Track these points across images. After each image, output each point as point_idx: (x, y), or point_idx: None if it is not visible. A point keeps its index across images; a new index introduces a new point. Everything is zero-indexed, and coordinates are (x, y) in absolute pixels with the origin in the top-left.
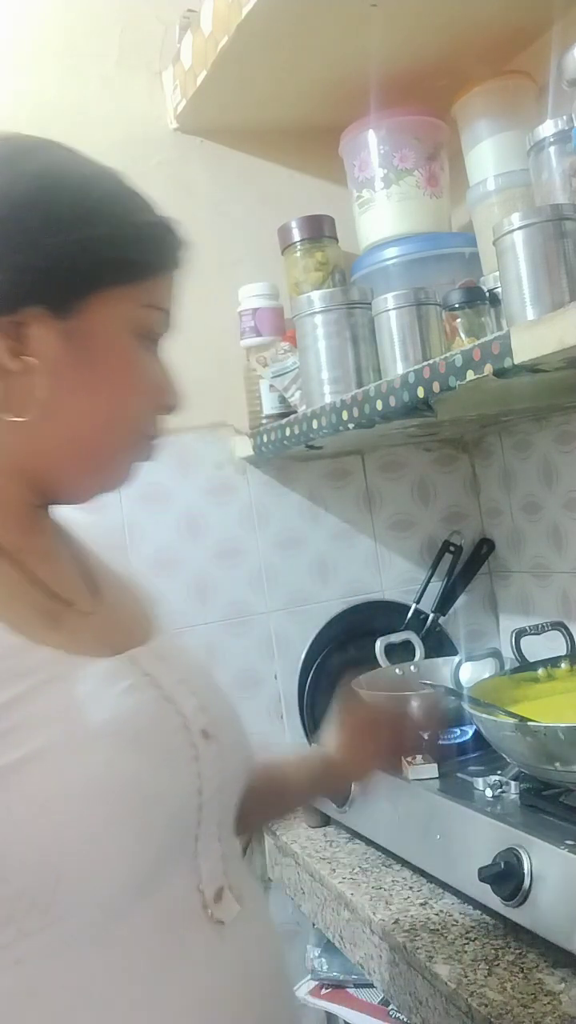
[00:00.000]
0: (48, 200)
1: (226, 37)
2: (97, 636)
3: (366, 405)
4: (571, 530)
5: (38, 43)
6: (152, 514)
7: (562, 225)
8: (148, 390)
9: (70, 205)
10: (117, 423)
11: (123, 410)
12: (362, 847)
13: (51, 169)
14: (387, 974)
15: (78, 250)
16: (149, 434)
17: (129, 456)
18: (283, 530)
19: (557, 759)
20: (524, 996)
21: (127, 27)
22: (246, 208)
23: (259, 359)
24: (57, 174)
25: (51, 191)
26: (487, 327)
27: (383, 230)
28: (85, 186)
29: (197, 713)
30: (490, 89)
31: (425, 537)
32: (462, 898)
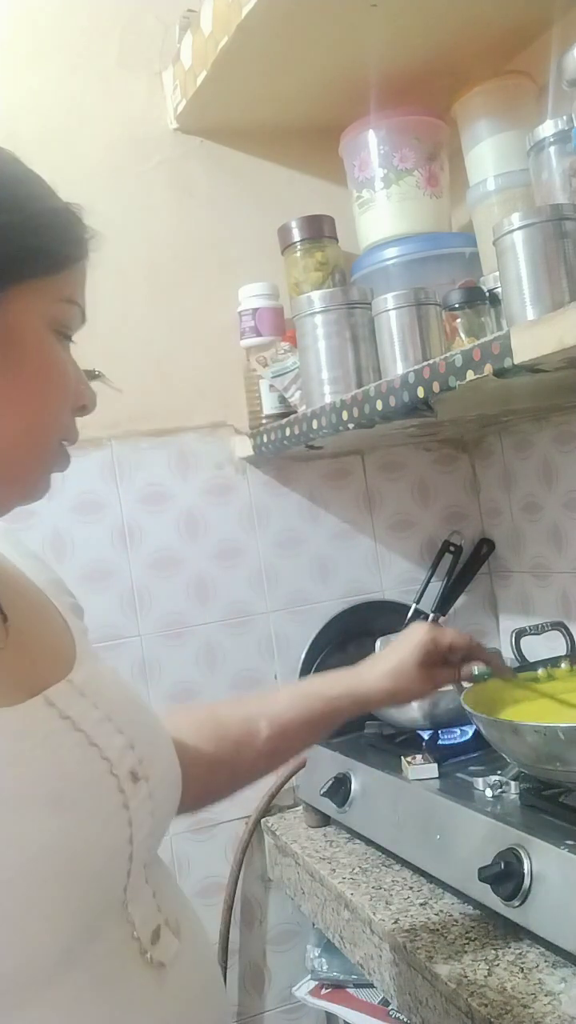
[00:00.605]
0: None
1: (226, 37)
2: (7, 677)
3: (366, 405)
4: (571, 530)
5: (38, 43)
6: (152, 514)
7: (562, 225)
8: (66, 390)
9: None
10: (37, 424)
11: (43, 411)
12: (362, 847)
13: None
14: (387, 974)
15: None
16: (69, 438)
17: (47, 461)
18: (283, 530)
19: (557, 759)
20: (524, 996)
21: (127, 27)
22: (246, 208)
23: (259, 359)
24: None
25: None
26: (487, 327)
27: (383, 230)
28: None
29: (124, 752)
30: (490, 89)
31: (425, 537)
32: (462, 898)
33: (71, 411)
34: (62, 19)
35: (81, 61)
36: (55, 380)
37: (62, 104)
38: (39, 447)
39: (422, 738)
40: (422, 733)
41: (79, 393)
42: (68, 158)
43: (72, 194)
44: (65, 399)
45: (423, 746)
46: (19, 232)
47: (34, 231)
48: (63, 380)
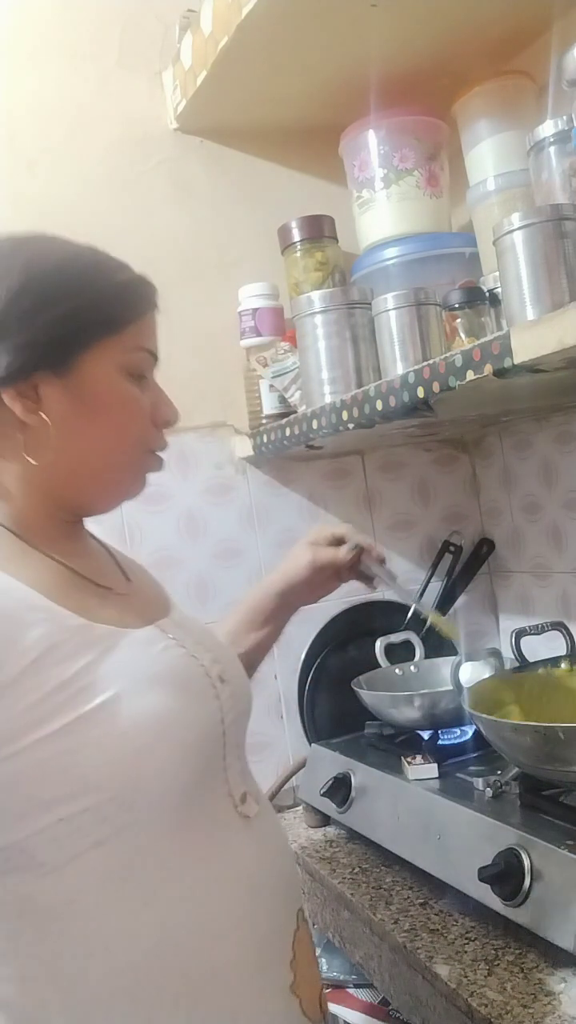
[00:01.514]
0: (36, 285)
1: (226, 37)
2: (133, 612)
3: (366, 405)
4: (571, 530)
5: (38, 43)
6: (152, 514)
7: (562, 225)
8: (142, 418)
9: (53, 285)
10: (119, 450)
11: (122, 440)
12: (362, 847)
13: (35, 259)
14: (387, 974)
15: (65, 320)
16: (154, 448)
17: (137, 470)
18: (283, 530)
19: (557, 759)
20: (524, 996)
21: (127, 27)
22: (246, 208)
23: (259, 359)
24: (40, 262)
25: (37, 278)
26: (487, 327)
27: (383, 230)
28: (64, 266)
29: (213, 664)
30: (490, 89)
31: (425, 537)
32: (462, 898)
33: (156, 426)
34: (62, 19)
35: (81, 61)
36: (126, 415)
37: (62, 104)
38: (122, 463)
39: (422, 738)
40: (422, 733)
41: (160, 412)
42: (68, 158)
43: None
44: (137, 425)
45: (423, 746)
46: (84, 311)
47: (96, 307)
48: (133, 412)
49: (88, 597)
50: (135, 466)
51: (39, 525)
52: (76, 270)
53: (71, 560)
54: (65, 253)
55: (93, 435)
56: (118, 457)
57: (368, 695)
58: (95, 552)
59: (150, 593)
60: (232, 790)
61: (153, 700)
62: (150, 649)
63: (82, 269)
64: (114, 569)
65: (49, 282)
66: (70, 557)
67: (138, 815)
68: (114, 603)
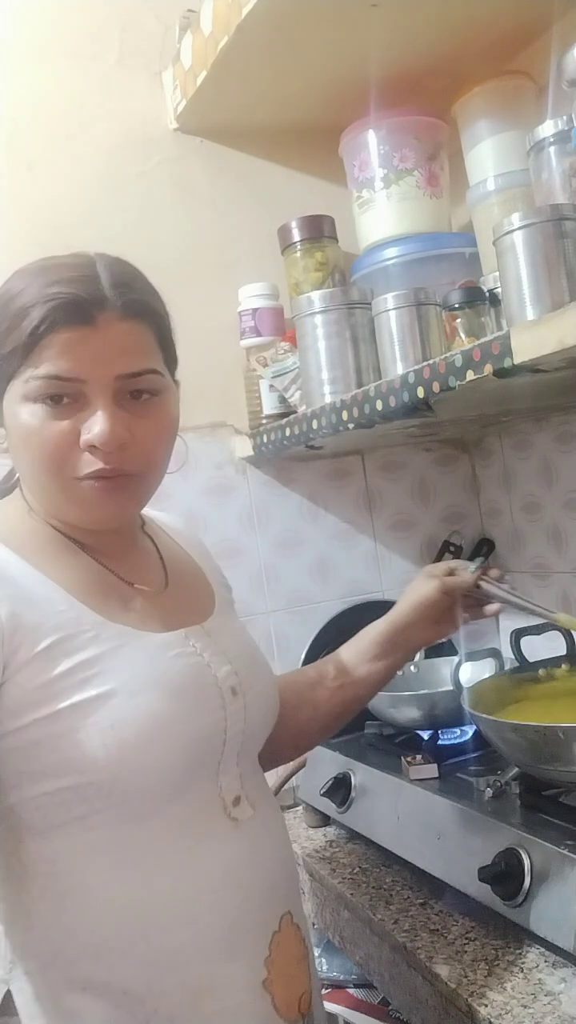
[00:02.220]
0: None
1: (226, 37)
2: (158, 615)
3: (366, 405)
4: (571, 530)
5: (38, 43)
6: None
7: (562, 225)
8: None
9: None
10: (44, 480)
11: (32, 468)
12: (362, 847)
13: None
14: (387, 974)
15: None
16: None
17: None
18: (283, 530)
19: (557, 759)
20: (524, 996)
21: (127, 27)
22: (246, 208)
23: (259, 359)
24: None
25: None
26: (487, 327)
27: (383, 230)
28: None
29: (228, 675)
30: (490, 89)
31: (425, 537)
32: (462, 898)
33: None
34: (62, 19)
35: (81, 61)
36: (29, 448)
37: (62, 104)
38: (54, 491)
39: (422, 738)
40: (422, 733)
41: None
42: (68, 158)
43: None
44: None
45: (423, 746)
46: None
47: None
48: (34, 445)
49: (113, 597)
50: (63, 494)
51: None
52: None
53: (110, 561)
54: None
55: (22, 469)
56: (44, 485)
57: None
58: (143, 553)
59: (188, 598)
60: (224, 793)
61: (146, 700)
62: (161, 653)
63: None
64: (157, 571)
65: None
66: (109, 558)
67: (117, 800)
68: (140, 605)
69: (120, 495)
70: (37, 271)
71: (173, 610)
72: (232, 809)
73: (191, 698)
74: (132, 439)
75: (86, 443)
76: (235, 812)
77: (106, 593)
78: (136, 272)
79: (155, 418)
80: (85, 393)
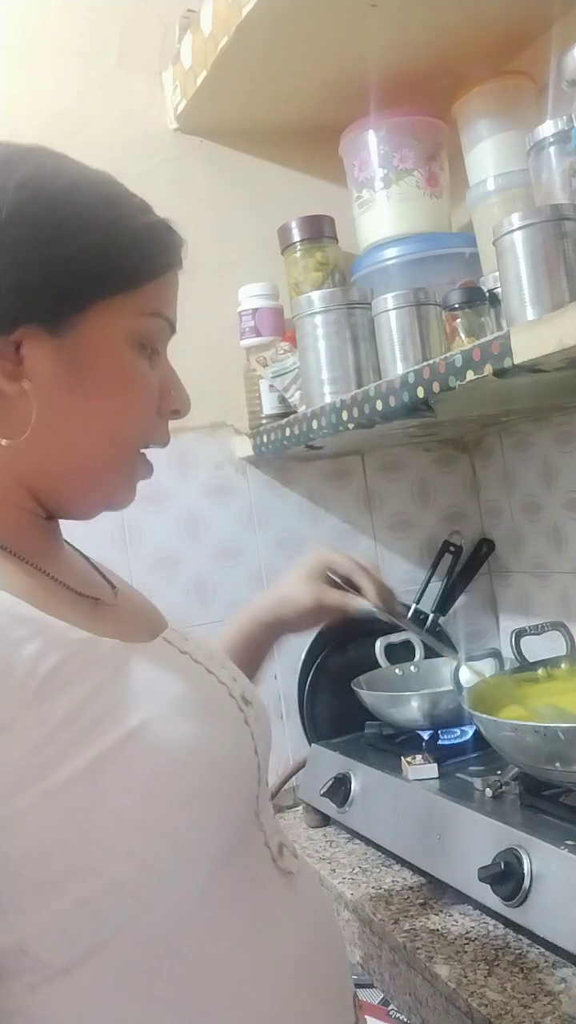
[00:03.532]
0: (34, 213)
1: (226, 37)
2: (130, 624)
3: (366, 405)
4: (571, 530)
5: (38, 43)
6: (152, 514)
7: (562, 225)
8: (146, 402)
9: (57, 216)
10: (114, 440)
11: (120, 426)
12: (362, 847)
13: (36, 179)
14: (387, 974)
15: (69, 263)
16: (154, 442)
17: (127, 472)
18: (283, 530)
19: (557, 759)
20: (524, 996)
21: (127, 27)
22: (246, 208)
23: (259, 359)
24: (42, 184)
25: (37, 203)
26: (487, 327)
27: (383, 230)
28: (72, 194)
29: (232, 682)
30: (490, 89)
31: (425, 537)
32: (462, 898)
33: (160, 416)
34: (62, 19)
35: (81, 61)
36: (130, 394)
37: (62, 104)
38: (117, 457)
39: (422, 738)
40: (422, 733)
41: (169, 399)
42: None
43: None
44: (141, 411)
45: (423, 746)
46: (93, 255)
47: (113, 252)
48: (139, 393)
49: (78, 609)
50: (124, 463)
51: (9, 522)
52: (88, 200)
53: (50, 566)
54: (76, 176)
55: (83, 416)
56: (110, 447)
57: (368, 695)
58: (73, 558)
59: (140, 603)
60: (268, 840)
61: (186, 729)
62: (167, 665)
63: (96, 200)
64: (97, 577)
65: (51, 209)
66: (46, 561)
67: (171, 886)
68: (107, 615)
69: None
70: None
71: (137, 617)
72: (280, 860)
73: (220, 716)
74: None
75: (171, 407)
76: (283, 863)
77: (67, 604)
78: None
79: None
80: (162, 351)
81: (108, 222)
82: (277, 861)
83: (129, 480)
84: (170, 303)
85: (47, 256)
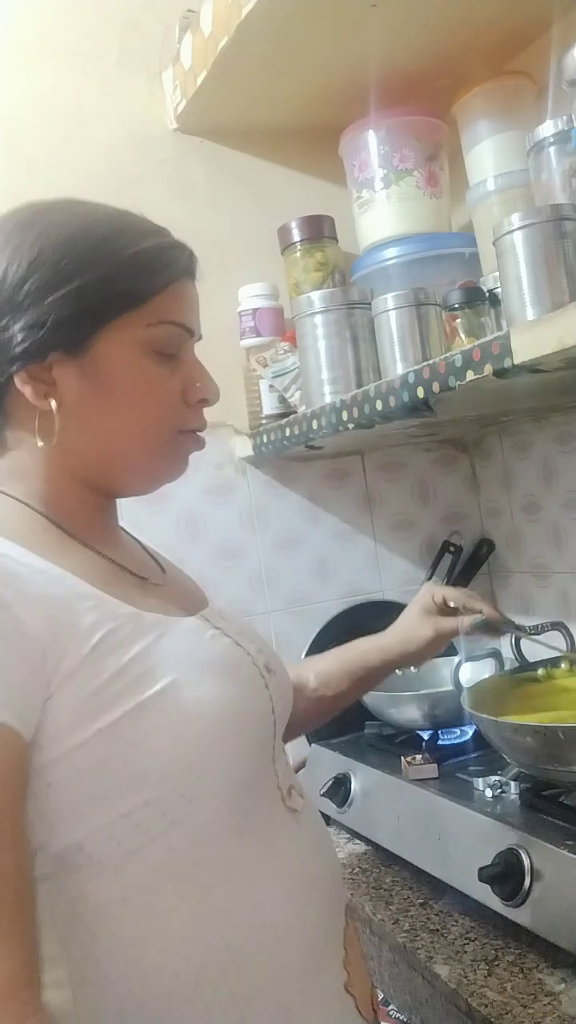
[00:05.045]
0: (50, 257)
1: (226, 37)
2: (174, 602)
3: (366, 405)
4: (571, 530)
5: (38, 43)
6: (152, 514)
7: (562, 225)
8: (165, 401)
9: (68, 256)
10: (143, 432)
11: (141, 425)
12: (362, 847)
13: (51, 228)
14: (387, 974)
15: (79, 295)
16: (190, 427)
17: (169, 453)
18: (283, 530)
19: (557, 759)
20: (524, 996)
21: (127, 27)
22: (246, 208)
23: (259, 359)
24: (56, 231)
25: (52, 248)
26: (487, 327)
27: (383, 230)
28: (80, 236)
29: (258, 654)
30: (490, 89)
31: (425, 537)
32: (462, 898)
33: (188, 406)
34: (62, 19)
35: (81, 61)
36: (146, 400)
37: (62, 104)
38: (149, 444)
39: (422, 738)
40: (422, 733)
41: (194, 390)
42: (68, 158)
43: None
44: (161, 410)
45: (423, 746)
46: (99, 285)
47: (111, 280)
48: (155, 395)
49: (129, 587)
50: (164, 449)
51: (72, 512)
52: (94, 239)
53: (107, 549)
54: (85, 220)
55: (110, 420)
56: (142, 439)
57: (368, 695)
58: (128, 543)
59: (186, 585)
60: (280, 783)
61: (211, 687)
62: (200, 637)
63: (101, 238)
64: (149, 560)
65: (64, 253)
66: (105, 546)
67: (196, 808)
68: (154, 593)
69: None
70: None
71: (181, 596)
72: (288, 800)
73: (242, 679)
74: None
75: (197, 397)
76: (291, 803)
77: (119, 583)
78: None
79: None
80: (185, 349)
81: (109, 254)
82: (286, 800)
83: (171, 459)
84: (180, 310)
85: (63, 293)
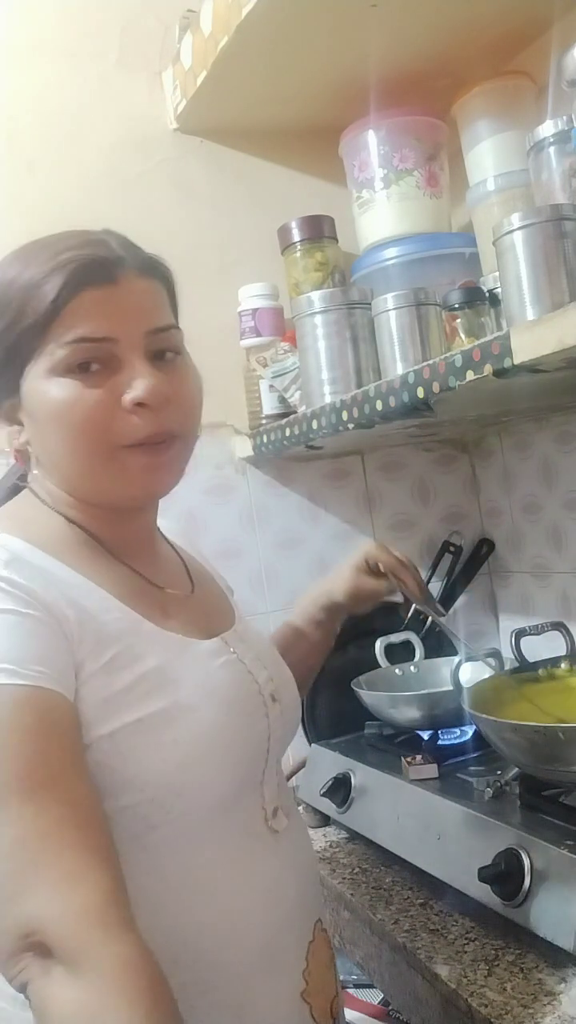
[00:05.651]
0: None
1: (226, 37)
2: (197, 622)
3: (366, 405)
4: (571, 530)
5: (38, 43)
6: None
7: (562, 225)
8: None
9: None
10: (72, 456)
11: (68, 445)
12: (362, 847)
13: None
14: (387, 974)
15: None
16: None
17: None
18: (283, 530)
19: (557, 759)
20: (524, 996)
21: (127, 27)
22: (246, 208)
23: (259, 359)
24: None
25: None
26: (487, 327)
27: (383, 230)
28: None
29: (267, 682)
30: (490, 89)
31: (425, 537)
32: (462, 898)
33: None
34: (62, 19)
35: (81, 61)
36: (58, 421)
37: (62, 104)
38: (97, 466)
39: (422, 738)
40: (422, 733)
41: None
42: (68, 158)
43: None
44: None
45: (423, 746)
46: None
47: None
48: (73, 413)
49: (154, 604)
50: (103, 469)
51: (102, 526)
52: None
53: (139, 563)
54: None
55: (49, 451)
56: (75, 466)
57: (368, 695)
58: (165, 557)
59: (215, 603)
60: (265, 804)
61: (209, 714)
62: (212, 662)
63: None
64: (183, 576)
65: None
66: (137, 559)
67: (174, 817)
68: (178, 611)
69: (165, 460)
70: (37, 249)
71: (204, 615)
72: (272, 820)
73: (242, 709)
74: (174, 395)
75: (132, 401)
76: (274, 823)
77: (144, 598)
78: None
79: (185, 375)
80: (116, 355)
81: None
82: (268, 820)
83: (119, 478)
84: (85, 323)
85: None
